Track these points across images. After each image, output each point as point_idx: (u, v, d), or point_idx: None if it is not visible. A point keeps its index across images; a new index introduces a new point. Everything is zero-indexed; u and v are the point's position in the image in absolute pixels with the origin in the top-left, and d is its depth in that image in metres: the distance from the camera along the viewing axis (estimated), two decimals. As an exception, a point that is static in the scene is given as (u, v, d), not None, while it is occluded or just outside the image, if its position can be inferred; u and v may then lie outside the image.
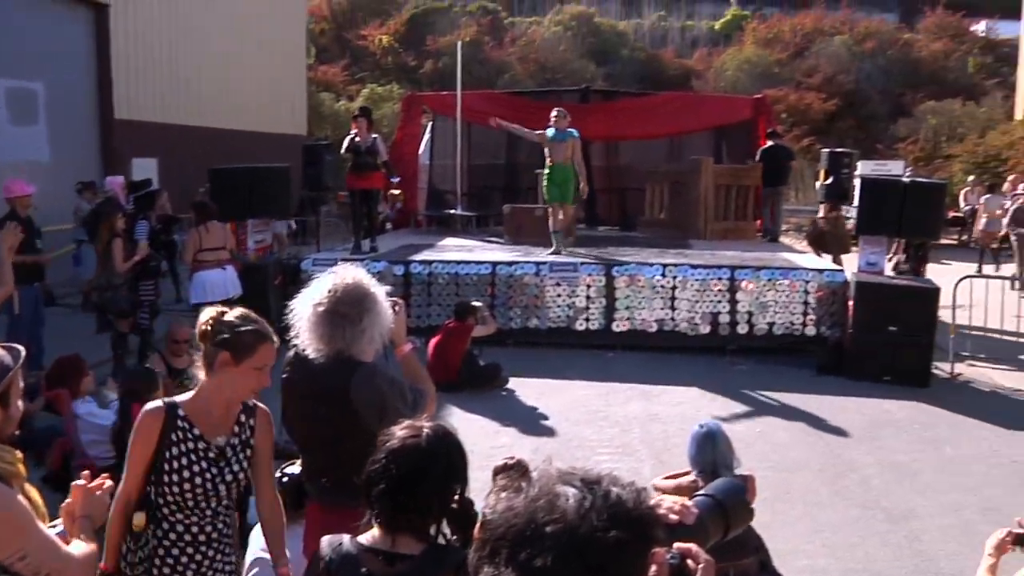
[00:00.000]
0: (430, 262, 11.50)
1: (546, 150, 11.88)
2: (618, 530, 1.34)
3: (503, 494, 1.43)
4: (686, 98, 20.53)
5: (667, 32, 47.10)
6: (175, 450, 3.15)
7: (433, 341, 9.38)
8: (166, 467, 3.14)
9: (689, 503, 1.91)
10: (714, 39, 45.69)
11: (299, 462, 3.86)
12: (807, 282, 10.88)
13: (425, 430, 2.53)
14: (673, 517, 1.81)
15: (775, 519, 6.29)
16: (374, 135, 12.16)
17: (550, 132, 11.71)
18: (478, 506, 1.50)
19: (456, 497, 2.53)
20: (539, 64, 38.23)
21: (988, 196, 19.92)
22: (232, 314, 3.24)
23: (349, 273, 3.47)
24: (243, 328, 3.20)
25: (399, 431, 2.51)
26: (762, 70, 36.32)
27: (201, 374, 3.24)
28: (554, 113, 11.83)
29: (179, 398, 3.30)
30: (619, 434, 8.08)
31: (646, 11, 49.44)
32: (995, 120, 30.11)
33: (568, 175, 11.89)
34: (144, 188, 12.52)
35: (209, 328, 3.18)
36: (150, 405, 3.28)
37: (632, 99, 18.68)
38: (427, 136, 17.52)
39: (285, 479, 3.72)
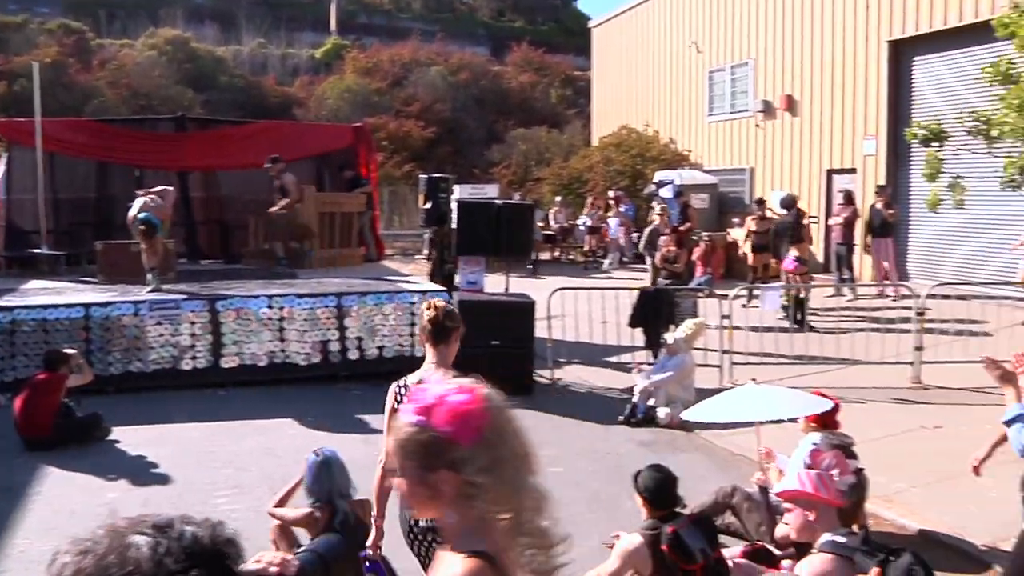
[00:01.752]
0: (12, 308, 10.39)
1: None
2: (198, 569, 1.31)
3: (68, 559, 1.32)
4: (287, 126, 20.36)
5: (267, 59, 46.55)
6: None
7: (20, 396, 8.49)
8: None
9: (290, 557, 1.90)
10: (315, 67, 45.87)
11: None
12: (412, 304, 11.20)
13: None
14: (273, 570, 1.77)
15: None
16: None
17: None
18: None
19: None
20: (132, 90, 36.14)
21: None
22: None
23: None
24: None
25: None
26: (363, 99, 36.99)
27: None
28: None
29: (415, 376, 4.39)
30: (235, 473, 7.79)
31: (245, 38, 48.58)
32: (576, 146, 32.96)
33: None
34: None
35: (452, 311, 4.52)
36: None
37: (231, 127, 18.23)
38: (2, 168, 15.88)
39: None
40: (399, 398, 4.38)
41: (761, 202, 16.65)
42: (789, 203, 15.57)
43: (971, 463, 5.36)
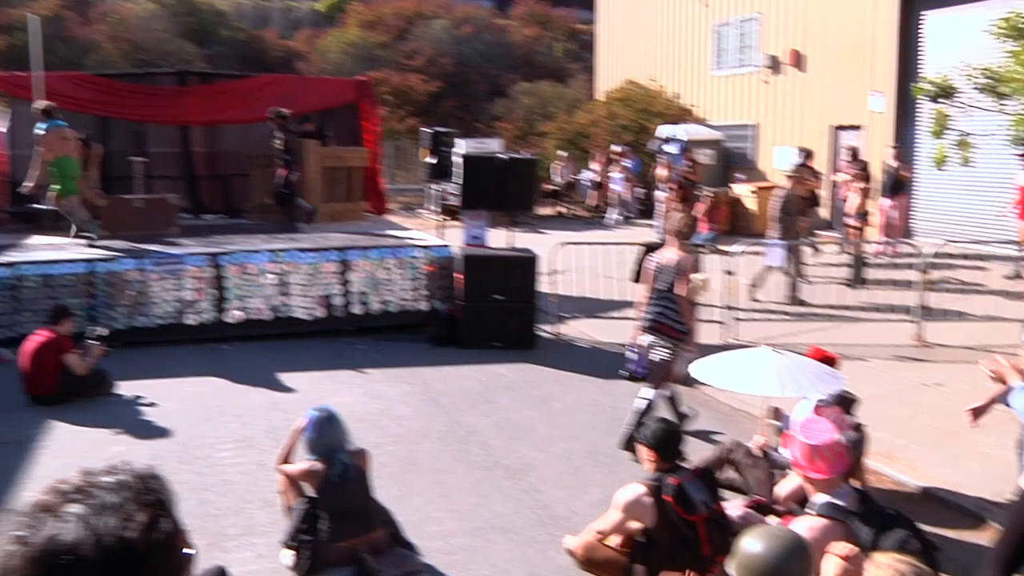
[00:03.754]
0: (16, 264, 10.34)
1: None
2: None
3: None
4: (289, 80, 20.17)
5: (269, 13, 46.17)
6: None
7: (26, 350, 8.47)
8: None
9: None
10: (317, 21, 45.49)
11: None
12: (416, 258, 11.19)
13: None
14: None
15: (403, 490, 6.43)
16: None
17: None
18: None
19: None
20: (132, 44, 35.85)
21: None
22: None
23: None
24: None
25: None
26: (366, 52, 36.66)
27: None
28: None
29: None
30: (240, 428, 7.83)
31: (246, -9, 48.19)
32: (580, 100, 32.68)
33: (75, 167, 11.93)
34: None
35: None
36: None
37: (233, 82, 18.04)
38: (6, 124, 15.79)
39: None
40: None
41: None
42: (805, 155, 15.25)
43: (967, 413, 5.33)
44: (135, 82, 17.27)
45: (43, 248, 11.63)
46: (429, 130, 13.87)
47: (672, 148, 20.69)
